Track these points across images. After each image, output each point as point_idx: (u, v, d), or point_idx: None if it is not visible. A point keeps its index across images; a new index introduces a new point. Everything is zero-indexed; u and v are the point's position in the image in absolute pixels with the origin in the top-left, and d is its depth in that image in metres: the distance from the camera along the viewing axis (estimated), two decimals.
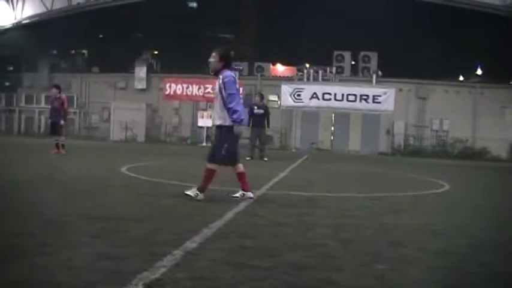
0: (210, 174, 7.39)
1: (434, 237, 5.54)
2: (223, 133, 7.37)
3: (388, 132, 33.14)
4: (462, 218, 7.15)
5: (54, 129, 17.47)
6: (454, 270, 4.14)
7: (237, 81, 7.42)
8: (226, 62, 7.43)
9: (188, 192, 7.32)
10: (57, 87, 18.24)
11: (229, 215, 6.08)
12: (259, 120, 18.70)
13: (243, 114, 7.39)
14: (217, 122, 7.44)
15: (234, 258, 4.11)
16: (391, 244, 5.02)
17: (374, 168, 18.23)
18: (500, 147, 30.39)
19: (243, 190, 7.64)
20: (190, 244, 4.42)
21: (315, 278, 3.70)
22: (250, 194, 7.64)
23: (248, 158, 18.24)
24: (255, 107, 18.97)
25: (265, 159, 18.35)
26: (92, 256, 3.95)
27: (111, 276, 3.46)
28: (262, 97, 19.89)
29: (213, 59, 7.45)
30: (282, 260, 4.14)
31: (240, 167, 7.68)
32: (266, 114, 18.88)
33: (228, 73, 7.33)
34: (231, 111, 7.23)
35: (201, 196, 7.29)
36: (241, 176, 7.70)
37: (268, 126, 19.23)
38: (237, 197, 7.55)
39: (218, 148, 7.39)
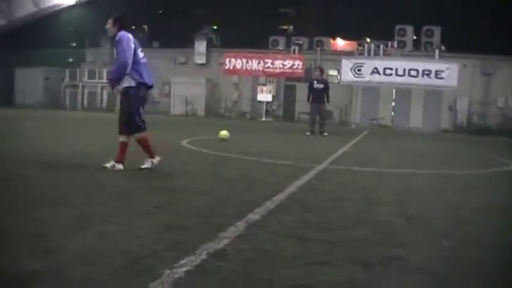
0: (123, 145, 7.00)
1: (501, 216, 5.39)
2: (127, 97, 6.92)
3: (450, 108, 32.37)
4: None
5: None
6: None
7: (131, 41, 6.88)
8: (120, 25, 7.06)
9: (106, 165, 6.86)
10: None
11: (291, 188, 6.06)
12: (319, 95, 18.58)
13: (121, 73, 6.76)
14: (124, 85, 6.92)
15: (297, 231, 4.09)
16: (457, 222, 4.92)
17: (436, 145, 17.88)
18: None
19: (151, 158, 7.08)
20: (253, 216, 4.42)
21: (380, 253, 3.64)
22: (157, 158, 7.10)
23: (308, 133, 18.19)
24: (315, 82, 18.85)
25: (326, 134, 18.24)
26: (156, 226, 4.00)
27: (176, 245, 3.49)
28: (322, 72, 19.74)
29: (109, 24, 7.12)
30: (346, 234, 4.09)
31: (145, 134, 7.10)
32: (326, 89, 18.74)
33: (122, 33, 6.92)
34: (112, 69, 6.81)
35: (118, 166, 6.85)
36: (144, 142, 7.09)
37: (327, 101, 19.08)
38: (147, 168, 7.00)
39: (127, 115, 6.93)
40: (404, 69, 31.21)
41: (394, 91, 33.06)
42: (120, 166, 6.87)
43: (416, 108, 32.71)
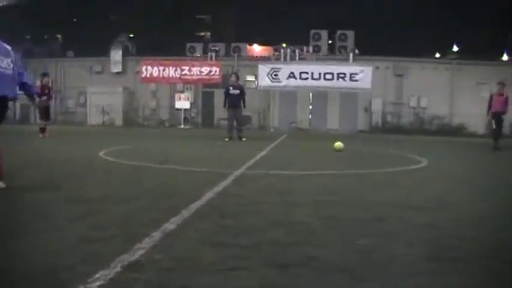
0: None
1: (415, 212, 5.53)
2: None
3: (366, 109, 33.24)
4: (442, 192, 7.17)
5: (47, 113, 18.80)
6: (436, 244, 4.14)
7: None
8: None
9: None
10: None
11: (209, 195, 6.04)
12: (235, 100, 18.68)
13: None
14: None
15: (214, 237, 4.08)
16: (372, 220, 5.02)
17: (353, 145, 18.26)
18: (477, 123, 30.57)
19: None
20: (169, 225, 4.37)
21: (297, 254, 3.68)
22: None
23: (227, 139, 18.21)
24: (231, 88, 18.93)
25: (244, 139, 18.33)
26: (71, 239, 3.91)
27: (90, 258, 3.42)
28: (237, 77, 19.87)
29: None
30: (263, 238, 4.11)
31: None
32: (242, 94, 18.85)
33: None
34: None
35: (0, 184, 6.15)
36: None
37: (244, 106, 19.17)
38: None
39: None
40: (320, 73, 31.74)
41: (310, 95, 33.61)
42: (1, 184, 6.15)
43: (333, 110, 33.39)
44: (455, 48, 37.42)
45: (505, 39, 33.23)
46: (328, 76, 31.63)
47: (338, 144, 14.35)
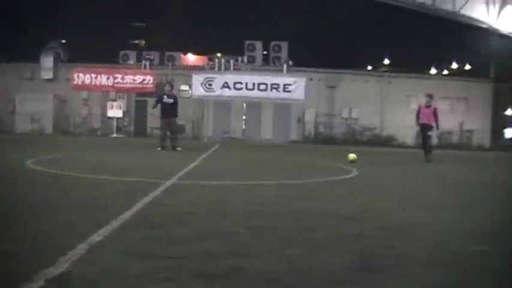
0: None
1: (344, 221, 5.60)
2: None
3: (299, 120, 33.67)
4: (370, 202, 7.30)
5: None
6: (364, 253, 4.19)
7: None
8: None
9: None
10: None
11: (139, 205, 5.94)
12: (169, 109, 18.58)
13: None
14: None
15: (142, 249, 4.01)
16: (302, 230, 5.05)
17: (285, 156, 18.43)
18: (406, 134, 31.40)
19: None
20: (96, 237, 4.26)
21: (226, 265, 3.66)
22: None
23: (159, 149, 18.06)
24: (165, 96, 18.84)
25: (178, 148, 18.20)
26: None
27: (13, 273, 3.29)
28: (172, 87, 19.79)
29: None
30: (192, 249, 4.08)
31: None
32: (175, 104, 18.76)
33: None
34: None
35: None
36: None
37: (175, 116, 19.06)
38: None
39: None
40: (254, 83, 32.02)
41: (244, 105, 33.83)
42: None
43: (267, 120, 33.72)
44: (386, 62, 38.50)
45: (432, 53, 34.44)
46: (262, 87, 31.93)
47: (352, 156, 14.94)
